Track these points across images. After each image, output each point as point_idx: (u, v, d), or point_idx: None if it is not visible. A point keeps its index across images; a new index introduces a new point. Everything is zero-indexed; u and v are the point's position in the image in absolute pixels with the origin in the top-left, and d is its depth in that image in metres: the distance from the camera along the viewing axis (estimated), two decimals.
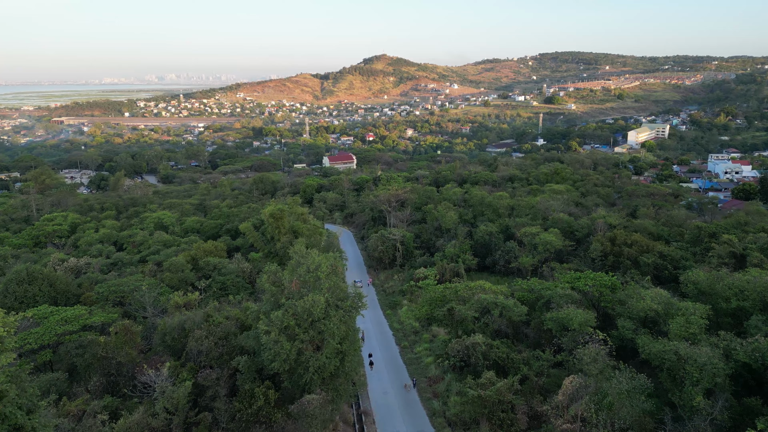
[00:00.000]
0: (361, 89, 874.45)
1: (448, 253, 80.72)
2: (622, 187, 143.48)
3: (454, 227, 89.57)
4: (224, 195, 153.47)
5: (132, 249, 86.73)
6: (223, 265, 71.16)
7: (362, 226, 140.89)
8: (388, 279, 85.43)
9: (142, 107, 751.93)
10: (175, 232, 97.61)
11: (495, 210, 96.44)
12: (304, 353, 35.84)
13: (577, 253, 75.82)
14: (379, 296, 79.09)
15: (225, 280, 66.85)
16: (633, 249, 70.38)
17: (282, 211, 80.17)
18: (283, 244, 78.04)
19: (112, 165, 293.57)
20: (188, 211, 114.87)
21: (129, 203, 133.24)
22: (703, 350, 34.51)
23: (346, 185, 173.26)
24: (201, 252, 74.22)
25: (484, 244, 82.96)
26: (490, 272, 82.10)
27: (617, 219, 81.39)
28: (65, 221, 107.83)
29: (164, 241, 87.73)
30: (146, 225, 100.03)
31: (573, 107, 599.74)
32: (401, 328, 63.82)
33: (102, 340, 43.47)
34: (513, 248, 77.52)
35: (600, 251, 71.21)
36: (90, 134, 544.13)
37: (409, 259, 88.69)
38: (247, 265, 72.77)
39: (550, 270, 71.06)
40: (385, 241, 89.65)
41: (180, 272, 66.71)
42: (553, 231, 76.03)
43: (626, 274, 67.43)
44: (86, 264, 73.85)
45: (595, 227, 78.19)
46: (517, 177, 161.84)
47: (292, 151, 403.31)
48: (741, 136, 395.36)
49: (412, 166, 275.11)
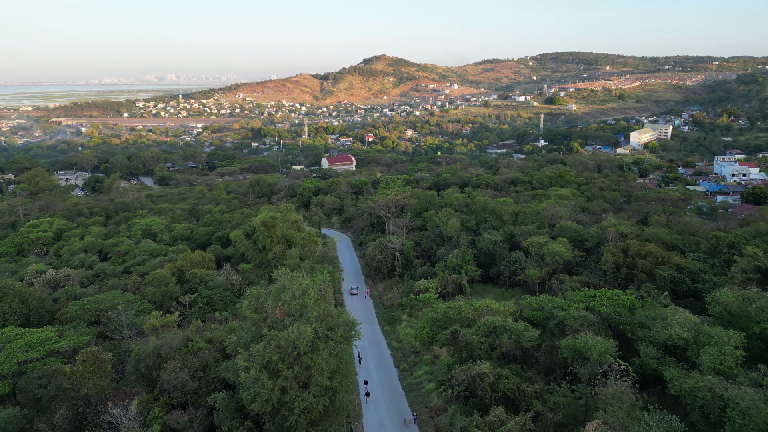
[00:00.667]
0: (361, 89, 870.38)
1: (450, 263, 76.30)
2: (629, 191, 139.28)
3: (456, 235, 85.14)
4: (219, 198, 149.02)
5: (116, 259, 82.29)
6: (210, 277, 66.76)
7: (360, 231, 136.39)
8: (386, 290, 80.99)
9: (141, 108, 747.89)
10: (164, 239, 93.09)
11: (499, 216, 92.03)
12: (288, 392, 31.40)
13: (587, 265, 71.38)
14: (377, 309, 74.68)
15: (212, 295, 62.45)
16: (647, 261, 65.96)
17: (274, 220, 75.79)
18: (275, 254, 73.71)
19: (107, 167, 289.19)
20: (179, 217, 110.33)
21: (120, 208, 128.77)
22: (747, 392, 30.09)
23: (345, 189, 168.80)
24: (187, 263, 69.79)
25: (488, 253, 78.55)
26: (495, 284, 77.71)
27: (629, 227, 76.93)
28: (50, 228, 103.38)
29: (150, 250, 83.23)
30: (134, 232, 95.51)
31: (574, 108, 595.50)
32: (400, 347, 59.40)
33: (67, 370, 39.05)
34: (519, 259, 73.10)
35: (612, 263, 66.80)
36: (87, 135, 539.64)
37: (409, 269, 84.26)
38: (236, 277, 68.40)
39: (558, 283, 66.66)
40: (383, 249, 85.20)
41: (164, 286, 62.30)
42: (561, 240, 71.61)
43: (641, 288, 63.08)
44: (65, 276, 69.41)
45: (605, 236, 73.77)
46: (520, 180, 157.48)
47: (290, 152, 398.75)
48: (744, 136, 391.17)
49: (412, 167, 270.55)
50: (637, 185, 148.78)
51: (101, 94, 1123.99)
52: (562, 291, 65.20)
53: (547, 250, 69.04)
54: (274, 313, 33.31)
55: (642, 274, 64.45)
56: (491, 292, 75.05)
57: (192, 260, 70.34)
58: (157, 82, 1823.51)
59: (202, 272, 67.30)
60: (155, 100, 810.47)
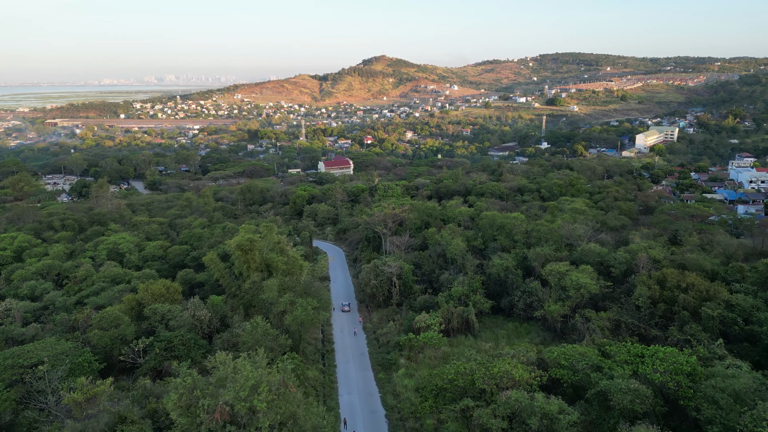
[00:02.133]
0: (360, 90, 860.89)
1: (455, 293, 66.06)
2: (645, 201, 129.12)
3: (462, 257, 74.91)
4: (203, 210, 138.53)
5: (72, 287, 71.93)
6: (173, 314, 56.49)
7: (356, 244, 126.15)
8: (381, 322, 70.72)
9: (138, 109, 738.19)
10: (132, 261, 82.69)
11: (508, 234, 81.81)
12: None
13: (615, 297, 61.19)
14: (370, 347, 64.43)
15: (172, 338, 52.17)
16: (690, 295, 55.82)
17: (252, 242, 65.64)
18: (252, 283, 63.55)
19: (97, 170, 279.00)
20: (154, 232, 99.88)
21: (95, 219, 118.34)
22: None
23: (340, 197, 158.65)
24: (149, 296, 59.55)
25: (499, 280, 68.31)
26: (507, 316, 67.45)
27: (662, 251, 66.65)
28: (11, 245, 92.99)
29: (112, 276, 72.85)
30: (99, 251, 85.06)
31: (575, 109, 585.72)
32: (397, 405, 49.05)
33: None
34: (535, 289, 62.89)
35: (647, 297, 56.66)
36: (81, 137, 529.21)
37: (408, 296, 74.03)
38: (204, 312, 58.11)
39: (584, 321, 56.50)
40: (378, 274, 74.93)
41: (114, 328, 52.03)
42: (584, 269, 61.37)
43: (684, 329, 52.97)
44: (5, 311, 59.17)
45: (636, 262, 63.55)
46: (527, 188, 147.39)
47: (287, 154, 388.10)
48: (751, 138, 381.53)
49: (412, 171, 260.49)
50: (653, 195, 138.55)
51: (99, 95, 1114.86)
52: (589, 332, 55.08)
53: (569, 281, 58.86)
54: (211, 418, 23.10)
55: (684, 312, 54.27)
56: (503, 327, 64.92)
57: (154, 292, 60.07)
58: (157, 83, 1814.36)
59: (164, 307, 57.01)
60: (153, 101, 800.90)
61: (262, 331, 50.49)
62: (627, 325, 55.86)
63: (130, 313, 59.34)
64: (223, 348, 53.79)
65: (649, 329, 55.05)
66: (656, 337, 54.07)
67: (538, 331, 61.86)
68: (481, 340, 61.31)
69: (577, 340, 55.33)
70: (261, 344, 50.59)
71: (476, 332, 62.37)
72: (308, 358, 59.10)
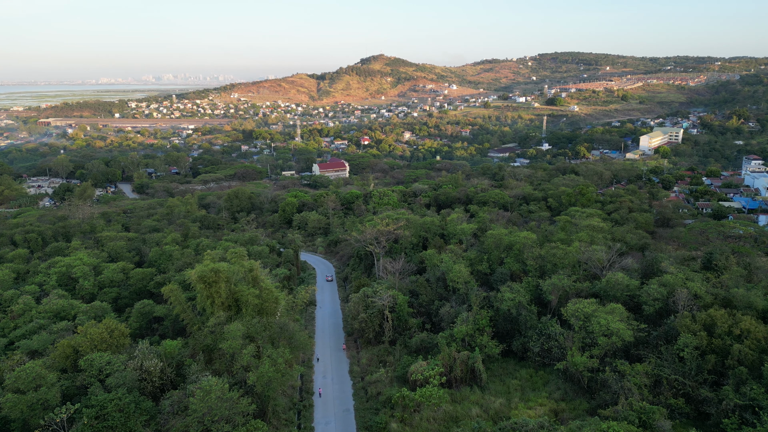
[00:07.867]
0: (358, 90, 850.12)
1: (458, 333, 55.67)
2: (662, 212, 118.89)
3: (465, 286, 64.56)
4: (184, 218, 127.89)
5: (8, 323, 61.39)
6: (113, 367, 45.97)
7: (347, 259, 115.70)
8: (372, 364, 60.33)
9: (134, 108, 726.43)
10: (85, 288, 71.94)
11: (517, 256, 71.47)
12: None
13: (650, 342, 50.85)
14: (356, 400, 54.00)
15: (106, 402, 41.73)
16: (746, 345, 45.61)
17: (217, 273, 55.13)
18: (215, 322, 53.05)
19: (83, 173, 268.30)
20: (120, 250, 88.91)
21: (61, 232, 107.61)
22: None
23: (332, 205, 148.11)
24: (87, 341, 49.02)
25: (510, 318, 57.93)
26: (519, 360, 57.06)
27: (704, 285, 56.21)
28: None
29: (56, 310, 62.25)
30: (50, 276, 74.34)
31: (576, 109, 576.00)
32: None
33: None
34: (555, 333, 52.48)
35: (693, 346, 46.40)
36: (71, 137, 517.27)
37: (403, 333, 63.62)
38: (155, 362, 47.63)
39: (618, 376, 46.16)
40: (368, 305, 64.52)
41: (33, 391, 41.55)
42: (615, 309, 50.89)
43: (741, 389, 42.81)
44: None
45: (674, 299, 53.18)
46: (533, 197, 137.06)
47: (281, 156, 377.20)
48: (756, 140, 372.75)
49: (410, 175, 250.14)
50: (668, 204, 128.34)
51: (95, 93, 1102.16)
52: (623, 391, 44.78)
53: (597, 325, 48.49)
54: None
55: (741, 368, 44.02)
56: (515, 375, 54.51)
57: (94, 337, 49.51)
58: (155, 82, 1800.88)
59: (102, 358, 46.48)
60: (148, 100, 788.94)
61: (216, 397, 40.11)
62: (669, 382, 45.61)
63: (64, 362, 48.89)
64: (172, 412, 43.51)
65: (697, 388, 44.83)
66: (707, 400, 43.88)
67: (558, 383, 51.51)
68: (490, 394, 51.03)
69: (609, 402, 45.12)
70: (215, 413, 40.36)
71: (483, 384, 52.02)
72: (280, 420, 48.72)
